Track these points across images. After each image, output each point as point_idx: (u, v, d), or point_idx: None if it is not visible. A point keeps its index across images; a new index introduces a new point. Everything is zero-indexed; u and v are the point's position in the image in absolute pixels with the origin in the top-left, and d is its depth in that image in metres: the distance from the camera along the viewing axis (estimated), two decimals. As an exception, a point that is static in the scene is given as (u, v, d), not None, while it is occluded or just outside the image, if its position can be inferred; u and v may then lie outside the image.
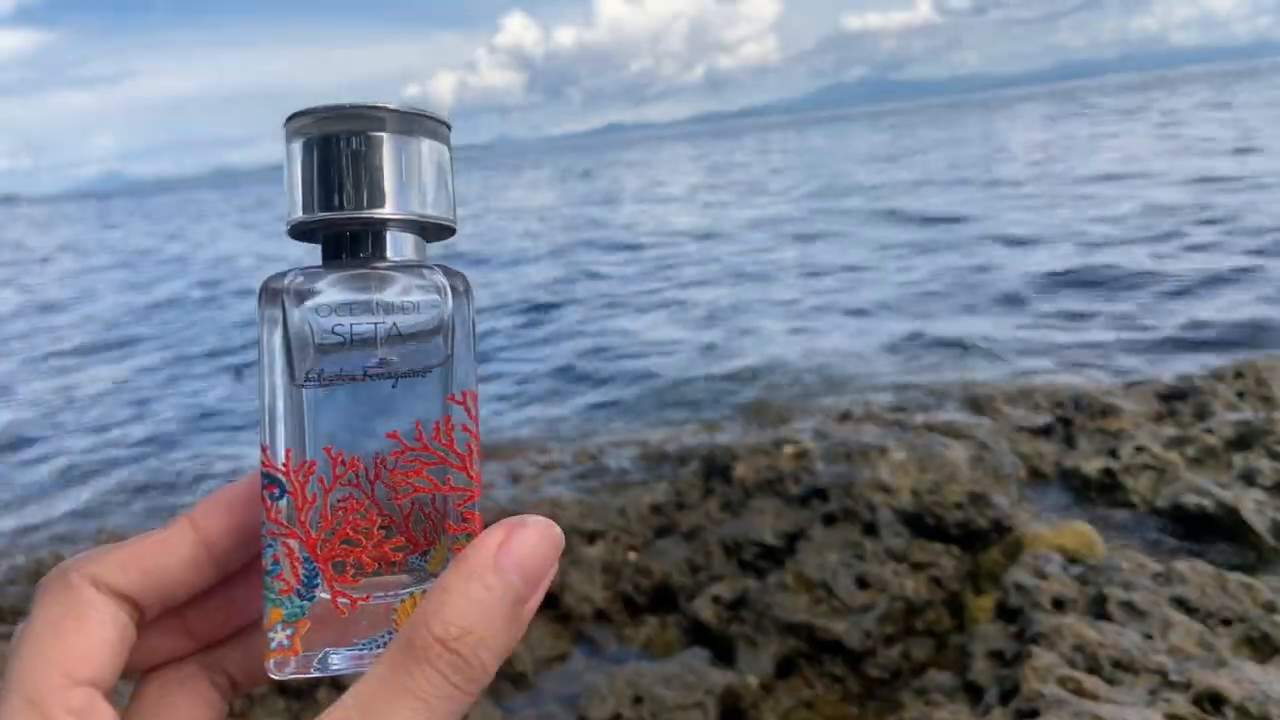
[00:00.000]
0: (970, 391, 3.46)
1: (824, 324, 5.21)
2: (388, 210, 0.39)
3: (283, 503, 0.38)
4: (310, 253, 0.42)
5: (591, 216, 13.53)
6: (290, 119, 0.39)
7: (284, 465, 0.38)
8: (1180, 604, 1.69)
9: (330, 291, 0.39)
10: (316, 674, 0.38)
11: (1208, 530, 2.12)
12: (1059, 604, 1.76)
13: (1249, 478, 2.27)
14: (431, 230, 0.42)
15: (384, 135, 0.39)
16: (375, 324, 0.38)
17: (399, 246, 0.40)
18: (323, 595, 0.39)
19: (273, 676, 0.38)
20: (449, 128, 0.41)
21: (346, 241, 0.40)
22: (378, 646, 0.39)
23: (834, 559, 2.11)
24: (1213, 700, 1.39)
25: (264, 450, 0.38)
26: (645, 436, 3.46)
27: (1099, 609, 1.71)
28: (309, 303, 0.38)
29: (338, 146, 0.39)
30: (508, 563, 0.35)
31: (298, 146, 0.39)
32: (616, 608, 2.23)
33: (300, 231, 0.41)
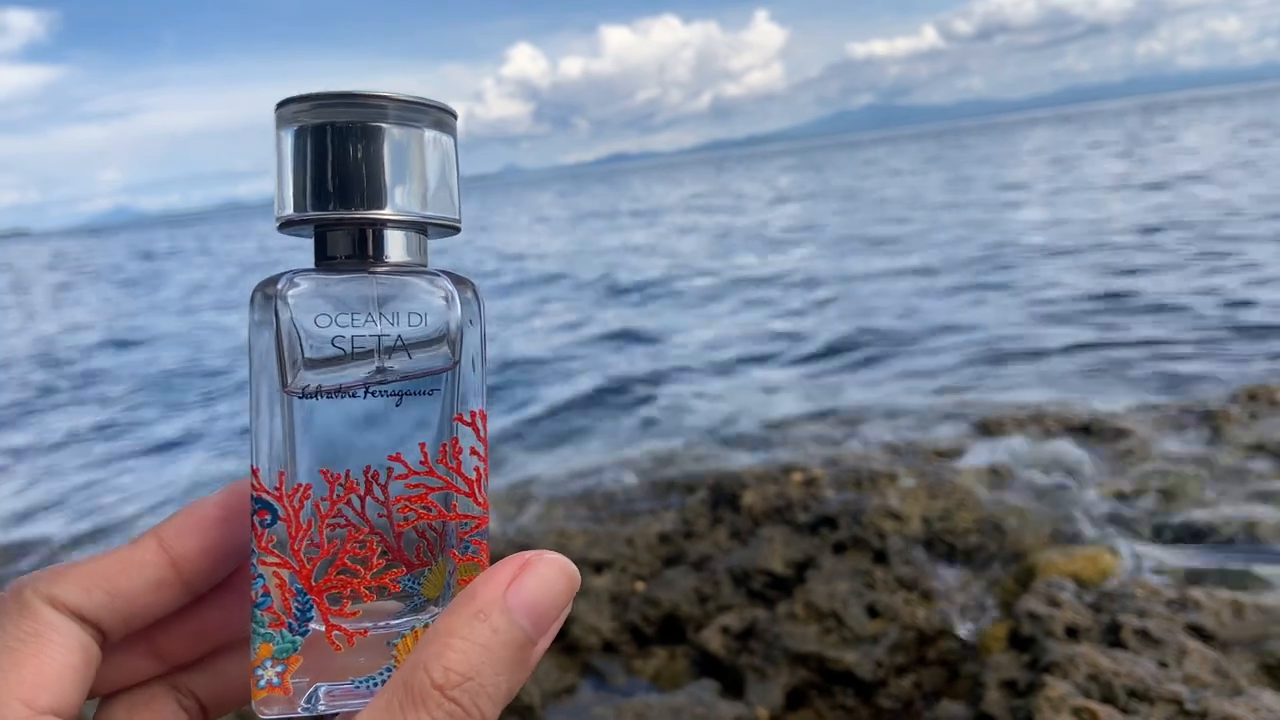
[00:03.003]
0: (981, 415, 3.44)
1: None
2: (388, 210, 0.35)
3: (275, 530, 0.35)
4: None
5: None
6: (282, 104, 0.36)
7: (277, 489, 0.35)
8: (1195, 631, 1.67)
9: (326, 298, 0.35)
10: (305, 714, 0.36)
11: (1223, 553, 2.09)
12: (1072, 632, 1.74)
13: (1264, 499, 2.24)
14: (434, 229, 0.38)
15: (385, 126, 0.35)
16: (376, 335, 0.35)
17: (400, 249, 0.37)
18: (316, 628, 0.36)
19: (261, 716, 0.35)
20: (455, 116, 0.38)
21: (342, 242, 0.36)
22: (374, 684, 0.36)
23: (844, 588, 2.09)
24: (1230, 730, 1.36)
25: (254, 473, 0.35)
26: (653, 465, 3.45)
27: (1113, 637, 1.68)
28: (303, 310, 0.35)
29: (334, 137, 0.35)
30: (517, 603, 0.32)
31: (289, 135, 0.35)
32: (624, 639, 2.20)
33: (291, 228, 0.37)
